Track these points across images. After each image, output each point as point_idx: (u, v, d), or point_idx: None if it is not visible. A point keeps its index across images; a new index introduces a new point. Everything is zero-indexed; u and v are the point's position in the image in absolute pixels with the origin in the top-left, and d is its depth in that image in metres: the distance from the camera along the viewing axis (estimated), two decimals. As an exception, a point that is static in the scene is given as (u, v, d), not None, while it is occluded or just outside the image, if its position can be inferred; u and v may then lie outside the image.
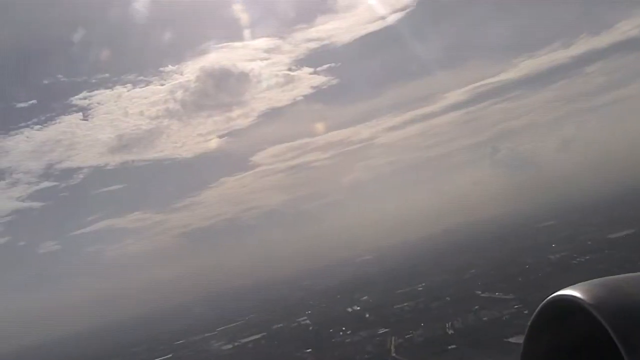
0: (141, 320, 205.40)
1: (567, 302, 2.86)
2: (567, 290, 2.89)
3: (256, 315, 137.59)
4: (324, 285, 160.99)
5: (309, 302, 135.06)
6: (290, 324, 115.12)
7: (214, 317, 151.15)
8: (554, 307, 2.98)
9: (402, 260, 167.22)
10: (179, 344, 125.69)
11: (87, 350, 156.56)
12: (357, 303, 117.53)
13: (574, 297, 2.81)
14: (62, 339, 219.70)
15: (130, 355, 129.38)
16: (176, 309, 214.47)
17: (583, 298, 2.76)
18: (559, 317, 3.03)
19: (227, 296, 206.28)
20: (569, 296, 2.84)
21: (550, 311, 3.02)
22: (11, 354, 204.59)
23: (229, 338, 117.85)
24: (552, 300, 2.97)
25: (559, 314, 3.01)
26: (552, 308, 3.00)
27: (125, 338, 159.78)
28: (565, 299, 2.87)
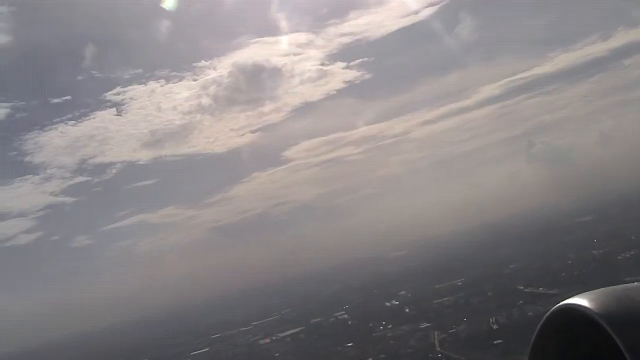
0: (174, 315, 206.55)
1: (574, 311, 2.83)
2: (574, 300, 2.86)
3: (292, 310, 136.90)
4: (358, 280, 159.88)
5: (345, 297, 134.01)
6: (328, 318, 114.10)
7: (248, 312, 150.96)
8: (560, 316, 2.95)
9: (437, 255, 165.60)
10: (214, 338, 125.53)
11: (122, 343, 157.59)
12: (395, 297, 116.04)
13: (581, 306, 2.78)
14: (95, 332, 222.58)
15: (166, 349, 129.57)
16: (209, 303, 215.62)
17: (590, 307, 2.73)
18: (566, 326, 2.98)
19: (260, 291, 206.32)
20: (576, 305, 2.81)
21: (557, 321, 2.98)
22: (48, 347, 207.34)
23: (265, 332, 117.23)
24: (558, 309, 2.94)
25: (565, 323, 2.96)
26: (559, 318, 2.96)
27: (159, 332, 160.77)
28: (572, 308, 2.84)
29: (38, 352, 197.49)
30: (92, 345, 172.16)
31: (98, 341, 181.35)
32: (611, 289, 2.83)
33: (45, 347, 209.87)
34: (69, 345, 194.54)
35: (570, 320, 2.88)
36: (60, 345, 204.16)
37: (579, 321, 2.79)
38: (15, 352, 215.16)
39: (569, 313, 2.85)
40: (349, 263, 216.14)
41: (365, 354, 79.76)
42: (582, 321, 2.75)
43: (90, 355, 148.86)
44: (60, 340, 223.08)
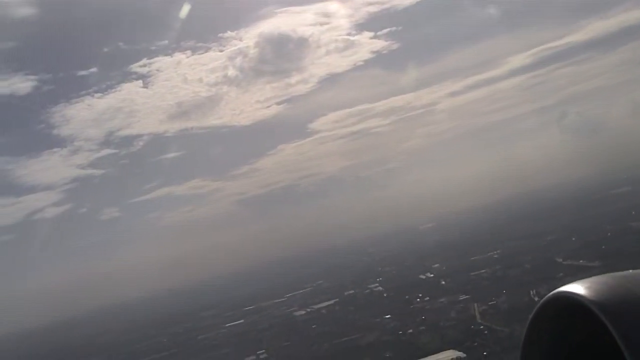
0: (203, 287, 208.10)
1: (568, 299, 2.81)
2: (568, 287, 2.84)
3: (324, 282, 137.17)
4: (389, 253, 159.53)
5: (377, 269, 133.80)
6: (363, 290, 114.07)
7: (280, 284, 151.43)
8: (554, 304, 2.93)
9: (468, 227, 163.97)
10: (248, 310, 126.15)
11: (154, 314, 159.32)
12: (430, 270, 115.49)
13: (575, 294, 2.76)
14: (126, 304, 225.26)
15: (199, 320, 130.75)
16: (237, 276, 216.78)
17: (584, 295, 2.71)
18: (560, 314, 2.97)
19: (289, 263, 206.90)
20: (570, 293, 2.79)
21: (551, 309, 2.97)
22: (80, 319, 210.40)
23: (300, 304, 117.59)
24: (552, 297, 2.92)
25: (560, 311, 2.95)
26: (553, 305, 2.94)
27: (190, 304, 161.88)
28: (567, 296, 2.82)
29: (70, 324, 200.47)
30: (125, 317, 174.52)
31: (130, 313, 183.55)
32: (606, 276, 2.80)
33: (76, 319, 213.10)
34: (100, 317, 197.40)
35: (565, 308, 2.85)
36: (91, 317, 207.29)
37: (573, 309, 2.76)
38: (47, 325, 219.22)
39: (563, 301, 2.83)
40: (378, 235, 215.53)
41: (405, 326, 79.46)
42: (577, 309, 2.73)
43: (124, 326, 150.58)
44: (90, 312, 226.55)
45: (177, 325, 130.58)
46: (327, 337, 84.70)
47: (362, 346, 75.73)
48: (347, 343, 78.74)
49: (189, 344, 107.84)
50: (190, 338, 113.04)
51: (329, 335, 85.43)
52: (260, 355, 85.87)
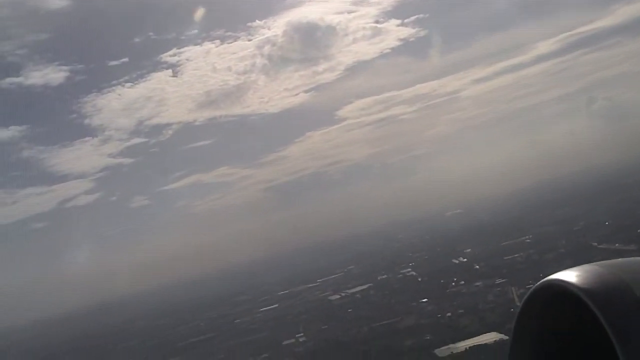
0: (233, 273, 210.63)
1: (557, 287, 2.84)
2: (558, 275, 2.87)
3: (355, 267, 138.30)
4: (418, 239, 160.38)
5: (408, 254, 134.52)
6: (395, 275, 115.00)
7: (310, 269, 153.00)
8: (544, 293, 2.96)
9: (496, 213, 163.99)
10: (282, 295, 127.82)
11: (186, 300, 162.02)
12: (462, 255, 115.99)
13: (565, 282, 2.79)
14: (156, 291, 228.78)
15: (233, 305, 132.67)
16: (266, 262, 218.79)
17: (573, 284, 2.74)
18: (549, 303, 3.00)
19: (317, 249, 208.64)
20: (560, 281, 2.82)
21: (542, 297, 3.00)
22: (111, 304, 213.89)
23: (333, 289, 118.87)
24: (543, 285, 2.95)
25: (549, 299, 2.98)
26: (543, 294, 2.98)
27: (222, 289, 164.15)
28: (557, 284, 2.85)
29: (103, 310, 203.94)
30: (157, 303, 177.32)
31: (161, 299, 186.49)
32: (598, 264, 2.85)
33: (109, 304, 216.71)
34: (132, 303, 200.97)
35: (555, 296, 2.91)
36: (123, 303, 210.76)
37: (563, 297, 2.81)
38: (79, 311, 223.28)
39: (554, 289, 2.88)
40: (405, 222, 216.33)
41: (442, 309, 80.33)
42: (567, 297, 2.77)
43: (157, 312, 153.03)
44: (122, 298, 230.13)
45: (212, 310, 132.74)
46: (364, 320, 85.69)
47: (402, 329, 76.80)
48: (386, 326, 79.67)
49: (226, 328, 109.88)
50: (226, 322, 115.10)
51: (366, 319, 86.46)
52: (299, 339, 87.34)
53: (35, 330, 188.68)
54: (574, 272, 2.82)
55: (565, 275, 2.82)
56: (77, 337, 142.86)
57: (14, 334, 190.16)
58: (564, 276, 2.82)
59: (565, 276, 2.81)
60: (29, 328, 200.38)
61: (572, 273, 2.81)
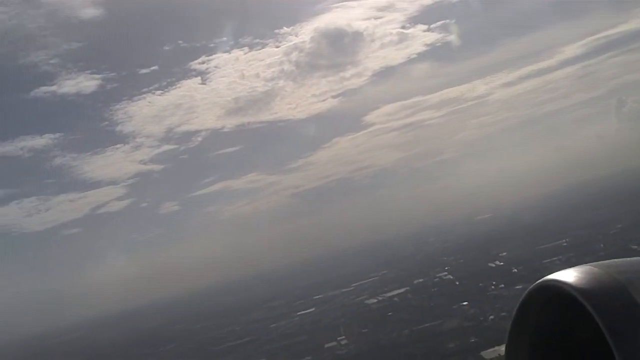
0: (265, 278, 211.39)
1: (554, 288, 2.85)
2: (555, 276, 2.89)
3: (389, 271, 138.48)
4: (450, 242, 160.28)
5: (442, 258, 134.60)
6: (432, 278, 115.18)
7: (342, 274, 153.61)
8: (541, 293, 2.97)
9: (527, 217, 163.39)
10: (317, 299, 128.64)
11: (223, 304, 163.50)
12: (498, 258, 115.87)
13: (561, 283, 2.80)
14: (189, 295, 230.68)
15: (269, 310, 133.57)
16: (296, 267, 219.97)
17: (569, 284, 2.75)
18: (546, 303, 3.01)
19: (347, 254, 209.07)
20: (556, 282, 2.84)
21: (538, 297, 3.00)
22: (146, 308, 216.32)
23: (369, 293, 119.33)
24: (539, 286, 2.95)
25: (546, 300, 2.99)
26: (540, 294, 2.98)
27: (255, 294, 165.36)
28: (553, 285, 2.86)
29: (137, 314, 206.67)
30: (191, 307, 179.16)
31: (195, 303, 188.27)
32: (594, 265, 2.89)
33: (142, 309, 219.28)
34: (166, 307, 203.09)
35: (551, 297, 2.93)
36: (157, 307, 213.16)
37: (560, 298, 2.84)
38: (113, 315, 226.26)
39: (550, 289, 2.90)
40: (434, 226, 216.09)
41: (484, 312, 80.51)
42: (563, 298, 2.80)
43: (193, 316, 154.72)
44: (156, 302, 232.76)
45: (247, 314, 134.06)
46: (405, 323, 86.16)
47: (445, 332, 77.28)
48: (428, 329, 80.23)
49: (264, 332, 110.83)
50: (263, 327, 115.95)
51: (406, 322, 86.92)
52: (340, 342, 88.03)
53: (76, 333, 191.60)
54: (570, 272, 2.86)
55: (561, 276, 2.86)
56: (116, 340, 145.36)
57: (57, 336, 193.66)
58: (560, 277, 2.86)
59: (561, 277, 2.85)
60: (69, 331, 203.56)
61: (568, 273, 2.85)
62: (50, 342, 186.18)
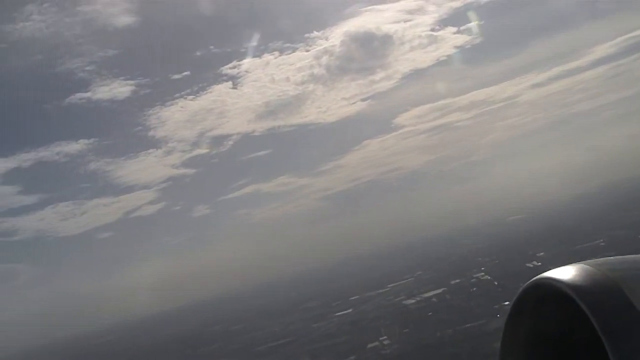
0: (298, 280, 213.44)
1: (548, 286, 2.89)
2: (548, 274, 2.95)
3: (424, 272, 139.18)
4: (483, 243, 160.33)
5: (477, 259, 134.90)
6: (469, 279, 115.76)
7: (376, 275, 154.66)
8: (534, 291, 3.01)
9: (559, 218, 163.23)
10: (354, 300, 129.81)
11: (257, 306, 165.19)
12: (535, 259, 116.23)
13: (554, 281, 2.86)
14: (223, 297, 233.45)
15: (306, 311, 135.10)
16: (328, 269, 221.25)
17: (563, 282, 2.80)
18: (540, 301, 3.04)
19: (379, 256, 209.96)
20: (551, 280, 2.88)
21: (532, 295, 3.05)
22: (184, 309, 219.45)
23: (406, 294, 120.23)
24: (533, 284, 3.00)
25: (540, 298, 3.02)
26: (534, 292, 3.02)
27: (290, 296, 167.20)
28: (547, 283, 2.90)
29: (173, 316, 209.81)
30: (227, 309, 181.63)
31: (230, 305, 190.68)
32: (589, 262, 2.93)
33: (177, 311, 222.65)
34: (201, 309, 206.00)
35: (545, 295, 2.94)
36: (191, 309, 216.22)
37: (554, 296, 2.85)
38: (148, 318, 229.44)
39: (544, 288, 2.92)
40: (465, 228, 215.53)
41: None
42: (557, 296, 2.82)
43: (230, 317, 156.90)
44: (190, 304, 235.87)
45: (284, 316, 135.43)
46: (447, 324, 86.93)
47: (490, 332, 77.69)
48: (472, 329, 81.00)
49: (303, 333, 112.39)
50: (302, 327, 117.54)
51: (448, 322, 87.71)
52: (383, 342, 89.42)
53: (113, 335, 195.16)
54: (564, 270, 2.89)
55: (555, 274, 2.88)
56: (155, 342, 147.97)
57: (95, 338, 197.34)
58: (554, 275, 2.88)
59: (555, 275, 2.88)
60: (106, 333, 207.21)
61: (562, 271, 2.88)
62: (88, 343, 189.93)
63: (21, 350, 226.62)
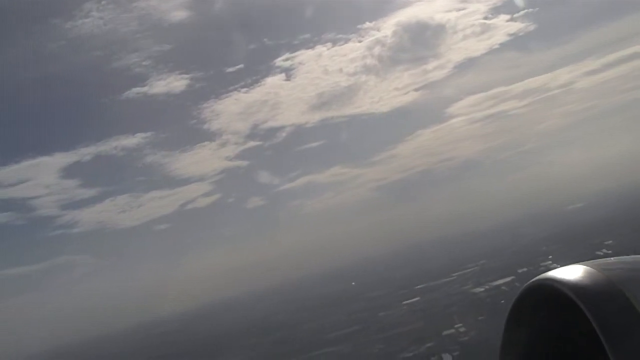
0: (356, 270, 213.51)
1: (548, 287, 2.88)
2: (549, 274, 2.95)
3: (488, 261, 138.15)
4: (546, 232, 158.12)
5: (542, 248, 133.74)
6: (537, 267, 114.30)
7: (438, 264, 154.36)
8: (535, 292, 3.00)
9: (625, 205, 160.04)
10: (420, 289, 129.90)
11: (316, 295, 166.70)
12: (604, 247, 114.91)
13: (554, 282, 2.85)
14: (279, 287, 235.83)
15: (370, 300, 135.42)
16: (386, 258, 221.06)
17: (564, 283, 2.78)
18: (540, 302, 3.03)
19: (437, 245, 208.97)
20: (551, 281, 2.87)
21: (532, 296, 3.04)
22: (243, 298, 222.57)
23: (473, 282, 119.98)
24: (533, 285, 3.00)
25: (540, 299, 3.01)
26: (534, 293, 3.02)
27: (349, 285, 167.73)
28: (547, 284, 2.90)
29: (233, 306, 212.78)
30: (287, 298, 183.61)
31: (290, 295, 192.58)
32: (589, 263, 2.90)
33: (237, 301, 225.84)
34: (258, 299, 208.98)
35: (546, 296, 2.93)
36: (248, 299, 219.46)
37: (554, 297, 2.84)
38: (209, 307, 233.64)
39: (544, 288, 2.91)
40: (523, 217, 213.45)
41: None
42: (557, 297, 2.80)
43: (292, 307, 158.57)
44: (245, 294, 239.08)
45: (347, 304, 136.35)
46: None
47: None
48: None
49: (372, 321, 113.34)
50: (369, 316, 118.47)
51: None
52: (459, 329, 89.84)
53: (174, 324, 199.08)
54: (564, 271, 2.87)
55: (556, 275, 2.88)
56: (218, 331, 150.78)
57: (156, 327, 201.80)
58: (555, 276, 2.88)
59: (556, 276, 2.87)
60: (166, 322, 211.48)
61: (562, 272, 2.86)
62: (151, 332, 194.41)
63: (85, 339, 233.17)
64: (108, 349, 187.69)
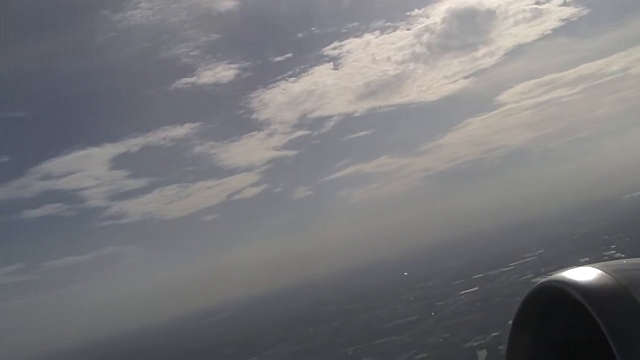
0: (408, 259, 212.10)
1: (555, 289, 2.81)
2: (556, 276, 2.85)
3: (546, 250, 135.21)
4: (605, 221, 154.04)
5: (603, 237, 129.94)
6: (600, 257, 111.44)
7: (493, 254, 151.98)
8: (542, 294, 2.93)
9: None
10: (477, 278, 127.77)
11: (367, 285, 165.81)
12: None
13: (562, 284, 2.76)
14: (328, 277, 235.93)
15: (425, 290, 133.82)
16: (438, 248, 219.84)
17: (572, 285, 2.70)
18: (547, 304, 2.95)
19: (490, 234, 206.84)
20: (558, 283, 2.80)
21: (539, 298, 2.97)
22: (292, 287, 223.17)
23: (533, 271, 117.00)
24: (540, 287, 2.92)
25: (547, 301, 2.94)
26: (541, 295, 2.94)
27: (399, 275, 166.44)
28: (554, 286, 2.82)
29: (281, 295, 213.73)
30: (336, 289, 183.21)
31: (338, 285, 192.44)
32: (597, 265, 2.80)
33: (285, 291, 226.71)
34: (307, 289, 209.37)
35: (553, 298, 2.88)
36: (298, 289, 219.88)
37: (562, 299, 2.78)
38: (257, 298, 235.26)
39: (551, 290, 2.85)
40: (581, 205, 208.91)
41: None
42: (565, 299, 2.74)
43: (342, 297, 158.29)
44: (295, 285, 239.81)
45: (402, 294, 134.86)
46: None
47: None
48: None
49: (431, 310, 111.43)
50: (427, 305, 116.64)
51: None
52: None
53: (224, 314, 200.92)
54: (572, 273, 2.82)
55: (563, 277, 2.82)
56: (269, 320, 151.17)
57: (207, 317, 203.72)
58: (562, 277, 2.83)
59: (563, 277, 2.82)
60: (217, 312, 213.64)
61: (570, 274, 2.81)
62: (201, 322, 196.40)
63: (136, 328, 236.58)
64: (172, 335, 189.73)
